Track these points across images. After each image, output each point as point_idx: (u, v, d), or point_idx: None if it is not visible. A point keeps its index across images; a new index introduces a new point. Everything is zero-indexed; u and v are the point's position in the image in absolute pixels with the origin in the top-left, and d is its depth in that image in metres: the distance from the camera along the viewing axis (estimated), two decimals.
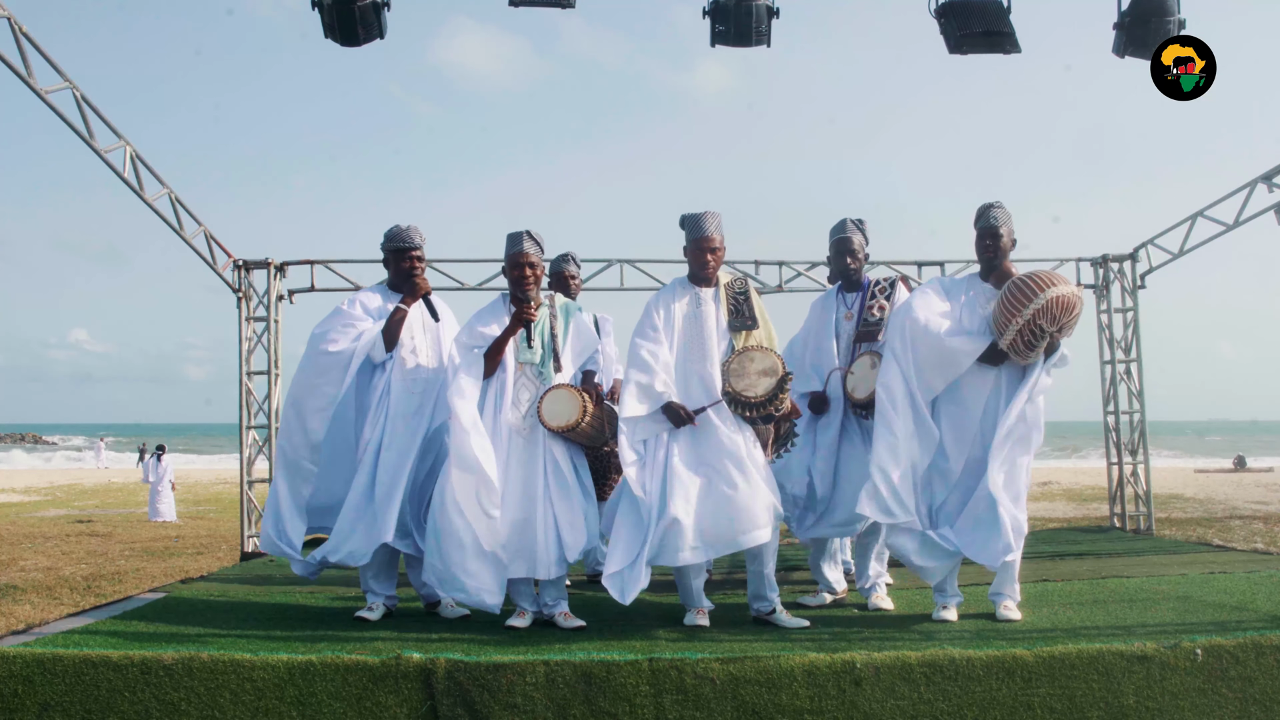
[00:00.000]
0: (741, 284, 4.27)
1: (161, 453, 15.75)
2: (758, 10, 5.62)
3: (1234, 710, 3.37)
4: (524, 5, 5.53)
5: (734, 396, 3.98)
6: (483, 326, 4.21)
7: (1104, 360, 8.61)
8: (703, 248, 4.17)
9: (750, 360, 4.02)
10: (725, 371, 4.04)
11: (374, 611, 4.35)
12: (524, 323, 4.17)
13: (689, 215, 4.22)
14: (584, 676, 3.30)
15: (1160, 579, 5.24)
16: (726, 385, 4.01)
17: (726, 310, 4.19)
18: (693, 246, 4.20)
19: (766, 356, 4.02)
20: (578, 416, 4.06)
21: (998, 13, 5.67)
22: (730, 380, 4.00)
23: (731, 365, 4.03)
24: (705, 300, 4.21)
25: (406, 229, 4.49)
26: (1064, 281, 3.96)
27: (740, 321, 4.18)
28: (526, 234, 4.26)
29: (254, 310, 7.89)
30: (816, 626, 4.06)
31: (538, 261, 4.26)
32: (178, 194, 7.04)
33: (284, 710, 3.28)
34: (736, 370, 4.01)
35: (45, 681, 3.30)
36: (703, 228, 4.16)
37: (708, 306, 4.20)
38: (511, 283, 4.28)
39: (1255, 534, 11.54)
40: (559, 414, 4.08)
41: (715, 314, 4.19)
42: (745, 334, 4.16)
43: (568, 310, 4.39)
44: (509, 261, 4.26)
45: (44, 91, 5.63)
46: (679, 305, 4.19)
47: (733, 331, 4.17)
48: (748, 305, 4.21)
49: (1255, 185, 7.20)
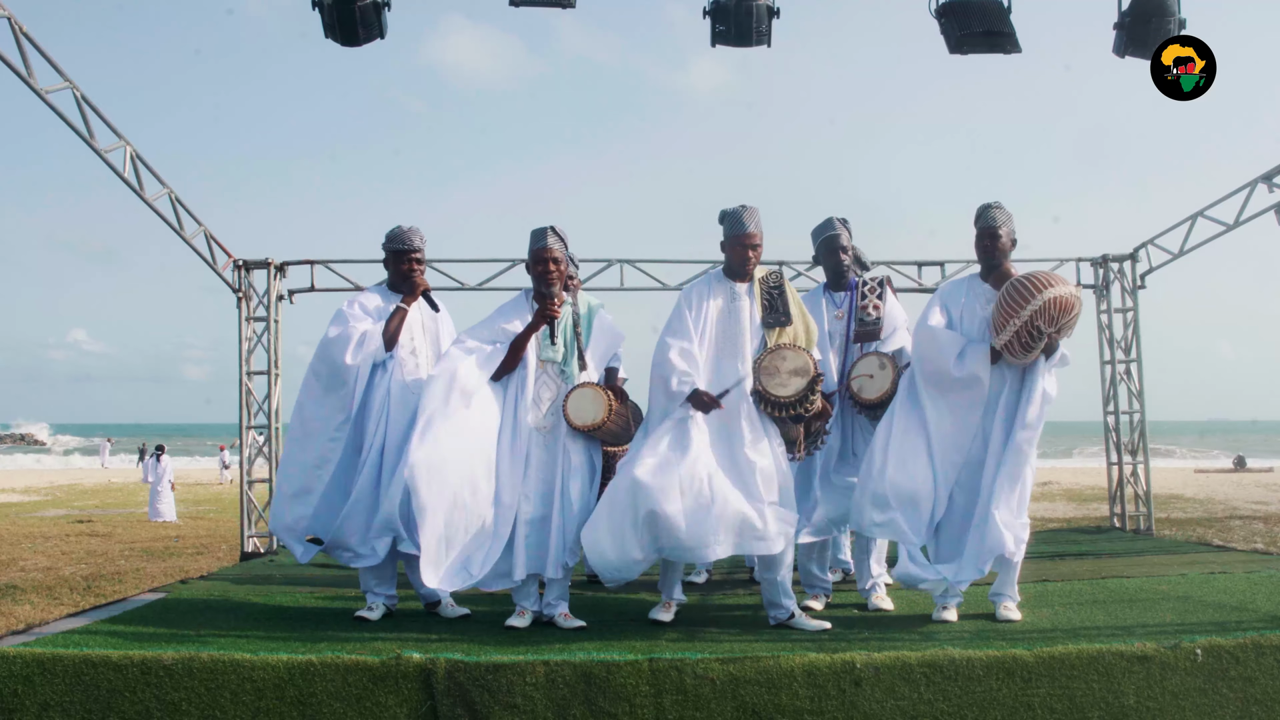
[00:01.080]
0: (776, 278, 4.20)
1: (161, 453, 15.75)
2: (758, 10, 5.63)
3: (1234, 710, 3.36)
4: (524, 5, 5.53)
5: (763, 395, 3.95)
6: (505, 323, 4.19)
7: (1104, 360, 8.60)
8: (744, 244, 4.11)
9: (782, 359, 3.98)
10: (756, 369, 3.99)
11: (374, 611, 4.35)
12: (547, 320, 4.15)
13: (729, 210, 4.16)
14: (584, 676, 3.30)
15: (1160, 579, 5.24)
16: (757, 384, 3.97)
17: (761, 305, 4.14)
18: (733, 242, 4.13)
19: (799, 355, 3.99)
20: (603, 416, 4.05)
21: (998, 13, 5.68)
22: (761, 379, 3.96)
23: (763, 363, 3.99)
24: (740, 295, 4.15)
25: (407, 230, 4.48)
26: (1062, 282, 3.95)
27: (774, 318, 4.12)
28: (550, 229, 4.21)
29: (254, 310, 7.88)
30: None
31: (561, 257, 4.20)
32: (178, 194, 7.04)
33: (284, 710, 3.28)
34: (768, 368, 3.98)
35: (45, 681, 3.30)
36: (744, 224, 4.10)
37: (742, 302, 4.14)
38: (535, 279, 4.22)
39: (1255, 534, 11.54)
40: (584, 413, 4.07)
41: (749, 309, 4.14)
42: (778, 331, 4.11)
43: (591, 308, 4.36)
44: (532, 257, 4.21)
45: (44, 91, 5.63)
46: (713, 302, 4.13)
47: (766, 328, 4.11)
48: (782, 300, 4.14)
49: (1255, 185, 7.19)
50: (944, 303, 4.26)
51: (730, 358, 4.08)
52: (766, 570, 4.08)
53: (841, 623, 4.12)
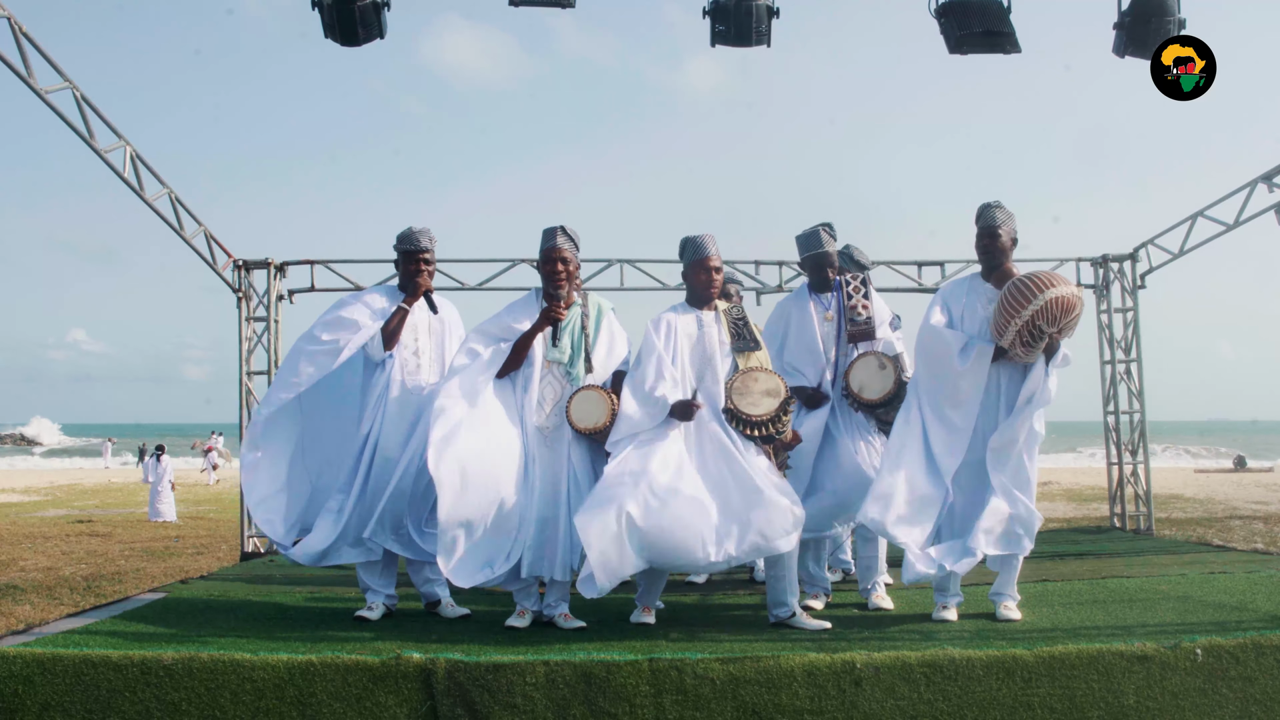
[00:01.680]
0: (738, 310, 4.29)
1: (161, 453, 15.75)
2: (758, 10, 5.63)
3: (1234, 710, 3.36)
4: (524, 5, 5.53)
5: (735, 413, 3.97)
6: (514, 321, 4.19)
7: (1104, 360, 8.60)
8: (707, 267, 4.15)
9: (754, 380, 4.02)
10: (729, 389, 4.03)
11: (374, 611, 4.35)
12: (551, 322, 4.15)
13: (689, 238, 4.22)
14: (584, 676, 3.30)
15: (1160, 579, 5.24)
16: (729, 402, 3.99)
17: (729, 333, 4.19)
18: (696, 268, 4.18)
19: (770, 378, 4.03)
20: (606, 419, 4.04)
21: (998, 13, 5.68)
22: (733, 397, 3.99)
23: (735, 384, 4.03)
24: (708, 323, 4.19)
25: (417, 232, 4.48)
26: (1064, 282, 3.95)
27: (742, 344, 4.18)
28: (560, 229, 4.21)
29: (254, 310, 7.89)
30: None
31: (571, 257, 4.21)
32: (178, 194, 7.04)
33: (284, 710, 3.28)
34: (740, 389, 4.01)
35: (45, 681, 3.30)
36: (705, 249, 4.16)
37: (710, 328, 4.18)
38: (544, 279, 4.23)
39: (1255, 534, 11.54)
40: (587, 415, 4.07)
41: (718, 334, 4.18)
42: (748, 355, 4.17)
43: (600, 310, 4.35)
44: (542, 257, 4.22)
45: (44, 91, 5.63)
46: (682, 326, 4.15)
47: (736, 353, 4.16)
48: (747, 329, 4.22)
49: (1255, 185, 7.20)
50: (945, 302, 4.27)
51: (704, 380, 4.10)
52: (772, 568, 4.09)
53: (841, 623, 4.12)
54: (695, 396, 4.03)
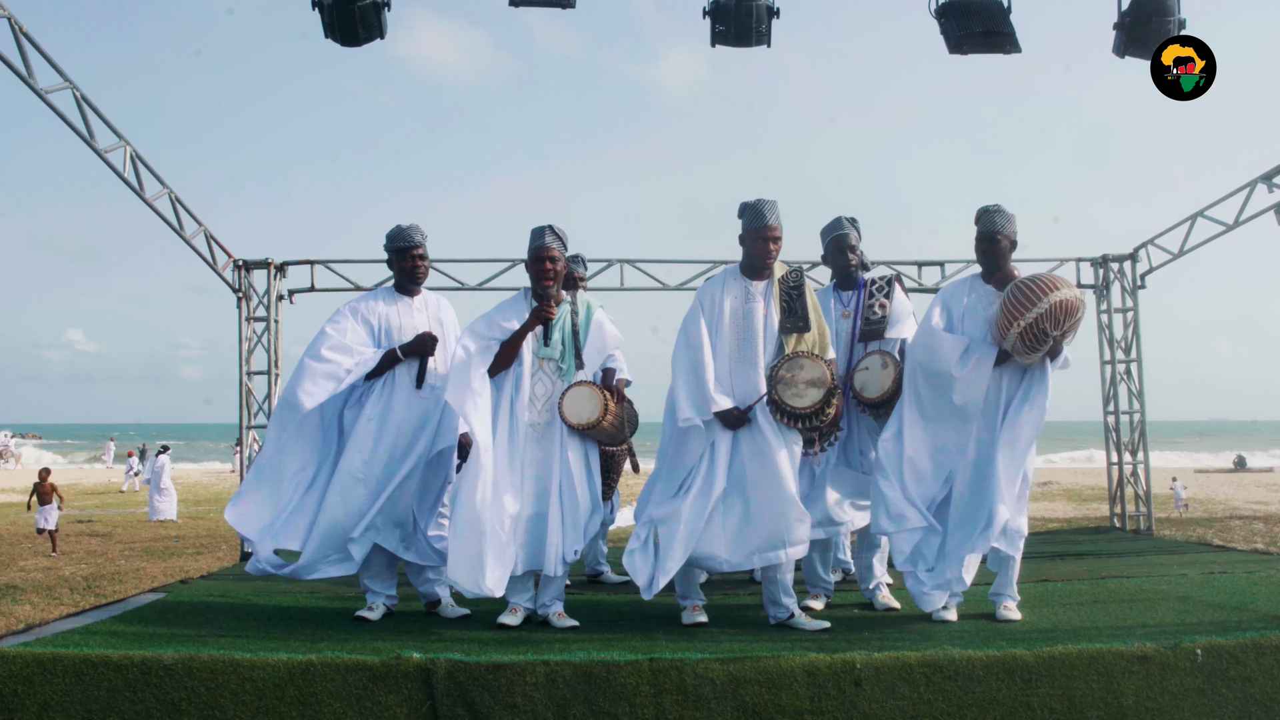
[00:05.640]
0: (796, 277, 4.13)
1: (163, 451, 15.75)
2: (758, 10, 5.63)
3: (1234, 710, 3.36)
4: (524, 5, 5.53)
5: (779, 405, 3.93)
6: (503, 320, 4.18)
7: (1104, 360, 8.61)
8: (765, 237, 4.04)
9: (799, 368, 3.94)
10: (772, 378, 3.95)
11: (374, 611, 4.35)
12: (541, 321, 4.15)
13: (749, 202, 4.11)
14: (584, 676, 3.30)
15: (1160, 579, 5.24)
16: (773, 393, 3.93)
17: (779, 307, 4.09)
18: (752, 235, 4.07)
19: (816, 365, 3.95)
20: (599, 415, 4.05)
21: (998, 13, 5.68)
22: (777, 389, 3.93)
23: (780, 372, 3.94)
24: (755, 296, 4.10)
25: (407, 228, 4.46)
26: (1067, 285, 3.95)
27: (792, 323, 4.07)
28: (549, 229, 4.21)
29: (254, 310, 7.89)
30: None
31: (560, 257, 4.20)
32: (178, 194, 7.05)
33: (284, 710, 3.28)
34: (785, 379, 3.94)
35: (45, 681, 3.29)
36: (764, 216, 4.04)
37: (757, 303, 4.09)
38: (533, 278, 4.23)
39: (1255, 534, 11.55)
40: (580, 411, 4.07)
41: (765, 311, 4.09)
42: (796, 337, 4.06)
43: (590, 308, 4.35)
44: (531, 256, 4.21)
45: (44, 91, 5.63)
46: (728, 300, 4.09)
47: (783, 334, 4.07)
48: (800, 303, 4.08)
49: (1255, 185, 7.20)
50: (946, 304, 4.25)
51: (746, 365, 4.05)
52: (770, 569, 4.08)
53: (841, 623, 4.12)
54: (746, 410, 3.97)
